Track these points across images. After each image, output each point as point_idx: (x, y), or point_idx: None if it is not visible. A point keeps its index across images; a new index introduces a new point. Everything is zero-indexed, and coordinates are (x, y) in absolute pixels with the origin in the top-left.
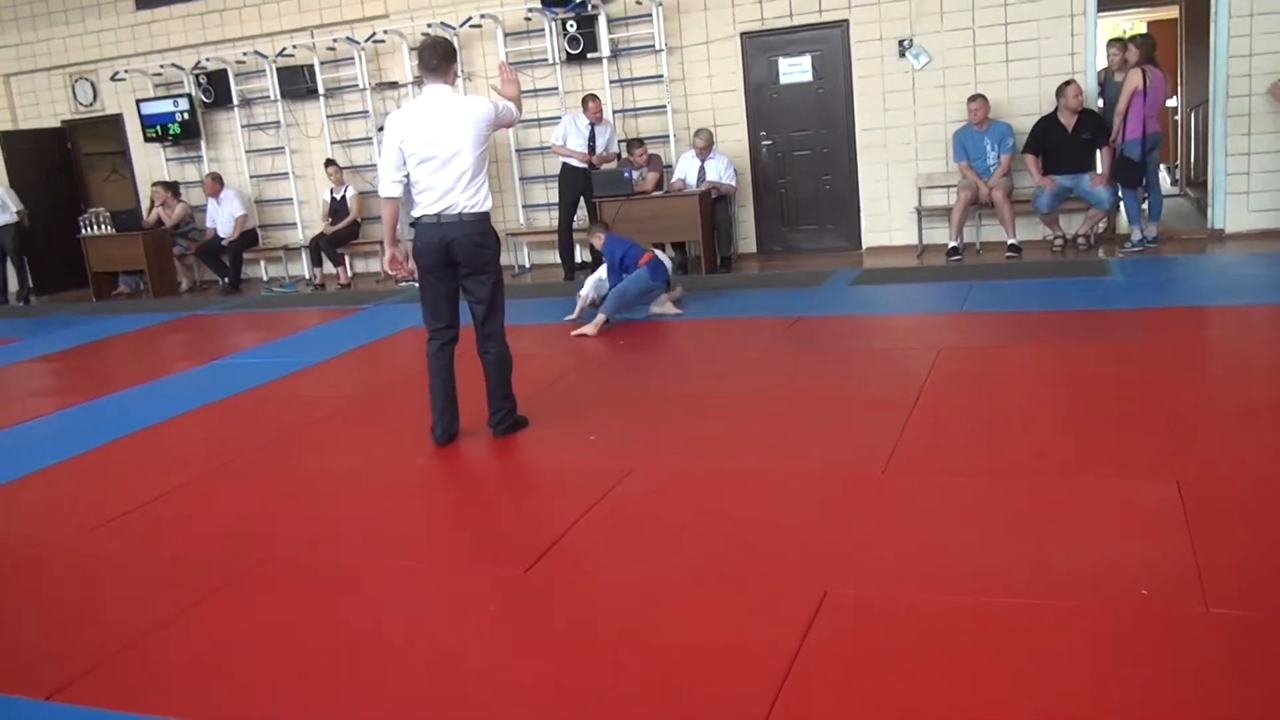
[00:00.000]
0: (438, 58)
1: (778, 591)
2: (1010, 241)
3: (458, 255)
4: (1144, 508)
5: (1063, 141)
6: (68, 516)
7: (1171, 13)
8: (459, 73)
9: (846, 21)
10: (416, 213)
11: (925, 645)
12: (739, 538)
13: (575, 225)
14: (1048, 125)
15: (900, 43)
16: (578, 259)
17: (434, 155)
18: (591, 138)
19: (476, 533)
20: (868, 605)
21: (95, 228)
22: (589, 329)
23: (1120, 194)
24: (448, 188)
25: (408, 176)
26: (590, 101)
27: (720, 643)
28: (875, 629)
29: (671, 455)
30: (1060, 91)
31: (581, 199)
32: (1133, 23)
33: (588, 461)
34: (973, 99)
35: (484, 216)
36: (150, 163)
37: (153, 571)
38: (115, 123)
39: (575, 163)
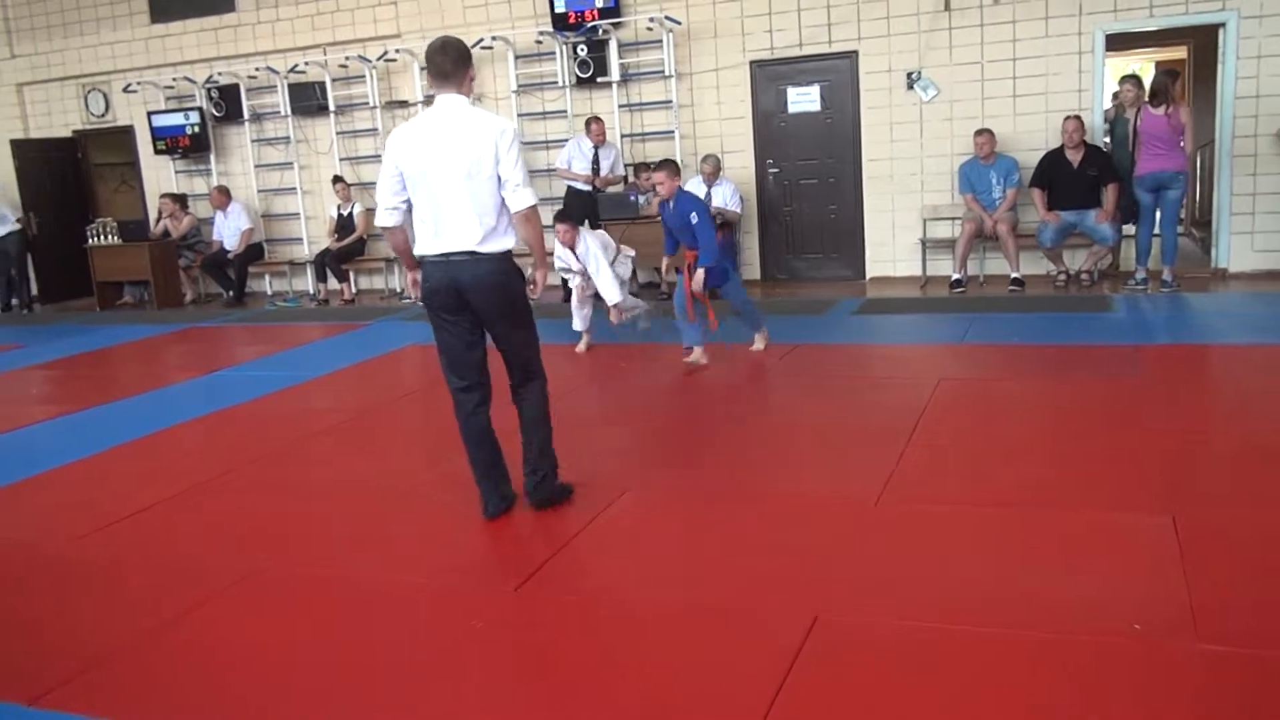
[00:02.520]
0: (450, 61)
1: (768, 616)
2: (1014, 275)
3: (473, 302)
4: (1139, 542)
5: (1069, 177)
6: (61, 522)
7: (1180, 53)
8: (474, 78)
9: (856, 53)
10: (419, 250)
11: (915, 674)
12: (731, 561)
13: None
14: (1054, 160)
15: (909, 75)
16: None
17: (439, 180)
18: (595, 160)
19: (469, 550)
20: (858, 632)
21: (101, 238)
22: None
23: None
24: (455, 221)
25: (408, 204)
26: (593, 124)
27: (709, 666)
28: (865, 656)
29: (667, 477)
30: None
31: (587, 222)
32: (1141, 63)
33: (583, 480)
34: (979, 133)
35: (504, 256)
36: (159, 174)
37: (144, 579)
38: (126, 134)
39: (580, 185)
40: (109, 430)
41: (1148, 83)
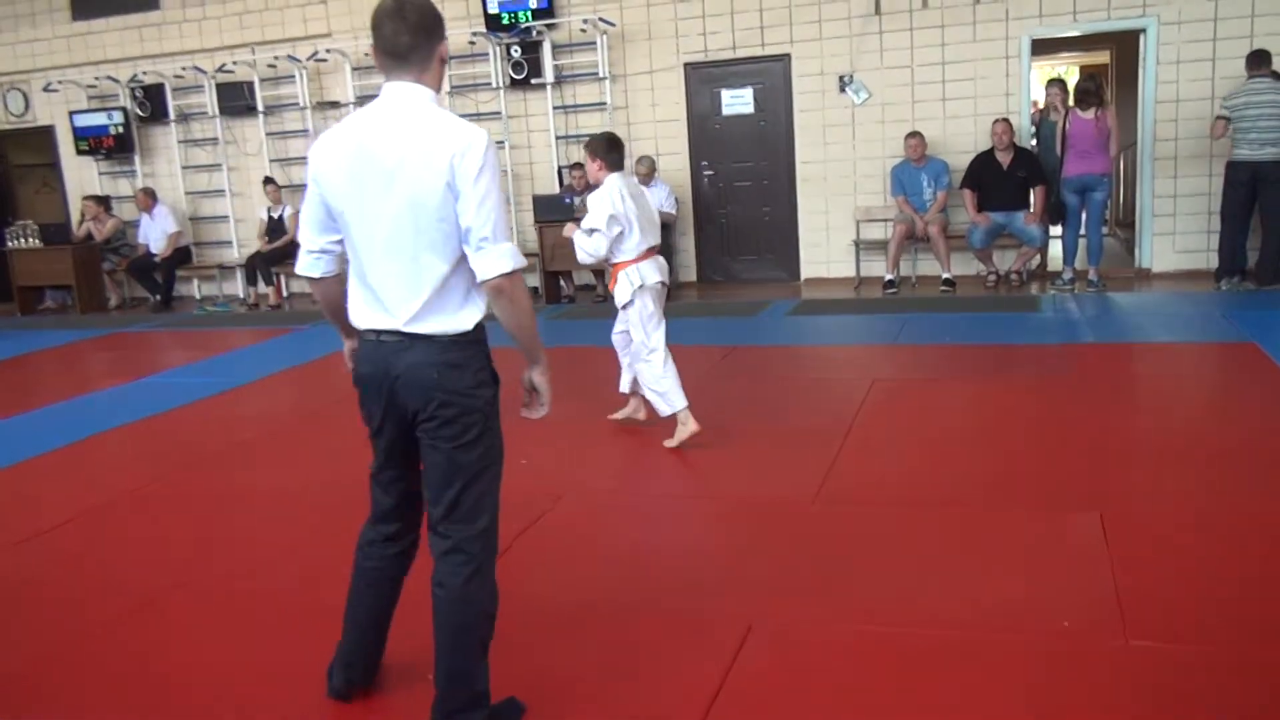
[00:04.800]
0: (409, 31)
1: (705, 620)
2: (945, 276)
3: (406, 402)
4: (1067, 540)
5: (998, 179)
6: None
7: (1102, 58)
8: (445, 59)
9: (789, 55)
10: (352, 316)
11: (849, 676)
12: (667, 565)
13: None
14: (984, 162)
15: (840, 78)
16: None
17: (369, 217)
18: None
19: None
20: (793, 635)
21: (22, 240)
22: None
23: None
24: (385, 282)
25: (340, 245)
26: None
27: (647, 671)
28: (800, 659)
29: (602, 481)
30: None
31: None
32: (1066, 66)
33: (519, 485)
34: (910, 135)
35: (454, 342)
36: (82, 175)
37: (68, 591)
38: (47, 134)
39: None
40: (30, 439)
41: (1072, 86)
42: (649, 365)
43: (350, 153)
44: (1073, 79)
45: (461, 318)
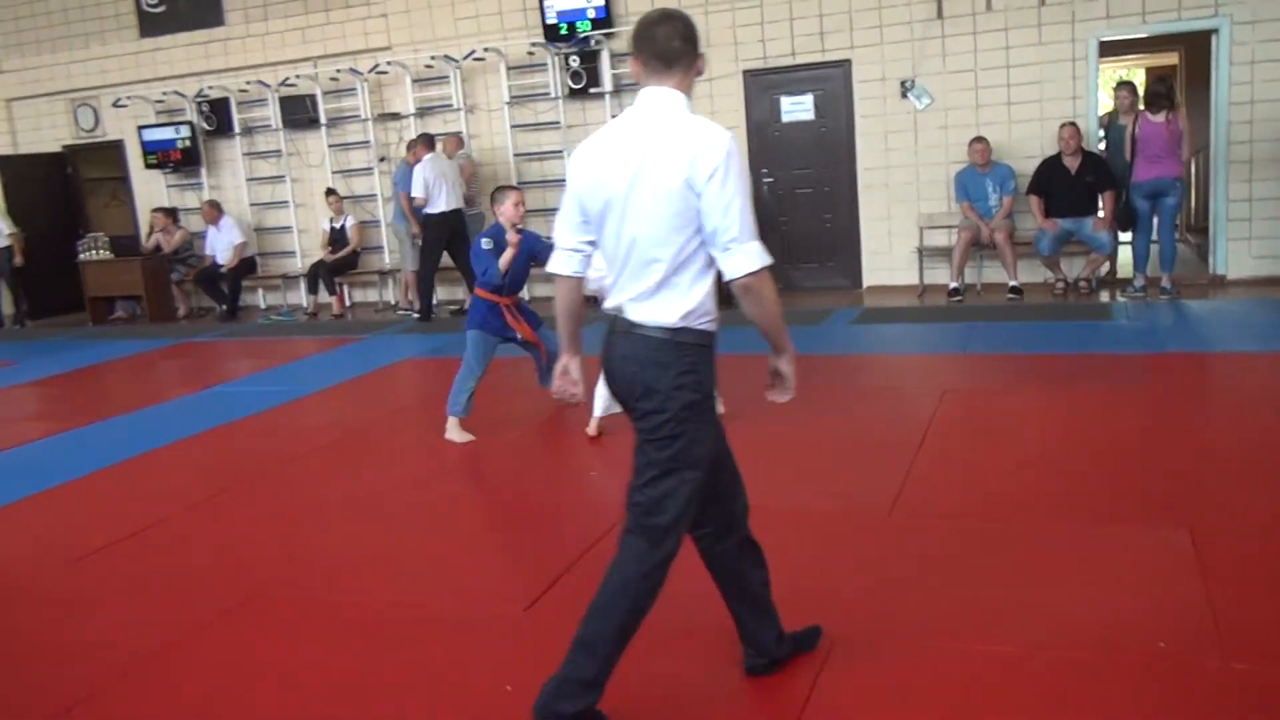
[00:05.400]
0: (680, 38)
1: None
2: (1012, 283)
3: (620, 388)
4: (1157, 556)
5: (1066, 184)
6: (57, 544)
7: (1170, 60)
8: (702, 71)
9: (849, 61)
10: (607, 306)
11: (934, 694)
12: None
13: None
14: (1051, 167)
15: (902, 83)
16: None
17: (619, 216)
18: None
19: (476, 569)
20: (876, 651)
21: (94, 252)
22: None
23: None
24: (620, 271)
25: (592, 246)
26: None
27: (731, 688)
28: (883, 676)
29: None
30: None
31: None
32: (1128, 69)
33: (587, 498)
34: (975, 140)
35: (668, 337)
36: (150, 189)
37: (146, 601)
38: (116, 148)
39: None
40: (107, 448)
41: (1140, 88)
42: None
43: (604, 154)
44: (1138, 81)
45: (680, 308)
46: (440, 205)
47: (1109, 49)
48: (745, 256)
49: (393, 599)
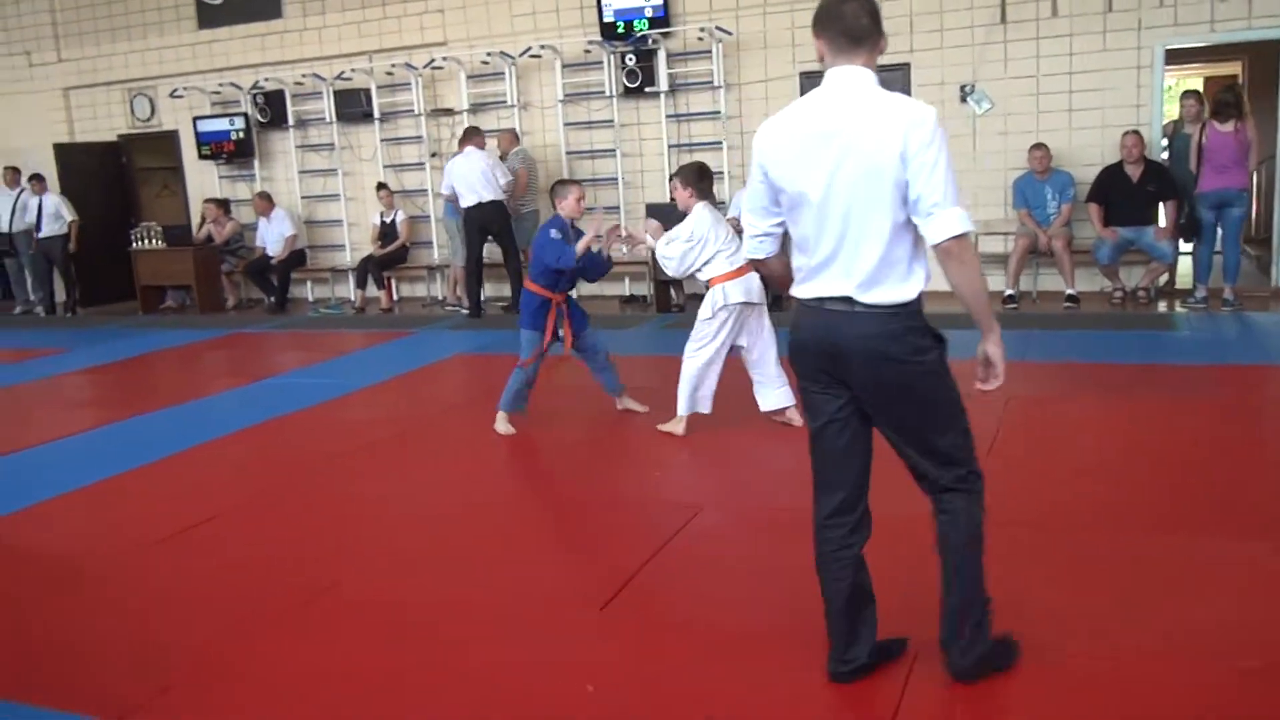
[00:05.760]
0: (868, 16)
1: None
2: (1069, 292)
3: (854, 376)
4: (1243, 568)
5: (1127, 193)
6: (124, 533)
7: (1233, 69)
8: (884, 48)
9: (908, 65)
10: (795, 289)
11: (1023, 702)
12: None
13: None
14: (1113, 175)
15: (962, 88)
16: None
17: (818, 192)
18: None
19: (543, 569)
20: None
21: (146, 241)
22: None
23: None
24: (831, 254)
25: (783, 228)
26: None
27: (820, 693)
28: (971, 684)
29: (741, 495)
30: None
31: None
32: (1189, 78)
33: (654, 497)
34: (1035, 147)
35: (899, 312)
36: (203, 179)
37: (217, 593)
38: (171, 139)
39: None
40: (164, 438)
41: (1197, 102)
42: (690, 364)
43: (801, 133)
44: (1196, 89)
45: (904, 289)
46: (467, 200)
47: (1170, 57)
48: (949, 220)
49: (462, 598)
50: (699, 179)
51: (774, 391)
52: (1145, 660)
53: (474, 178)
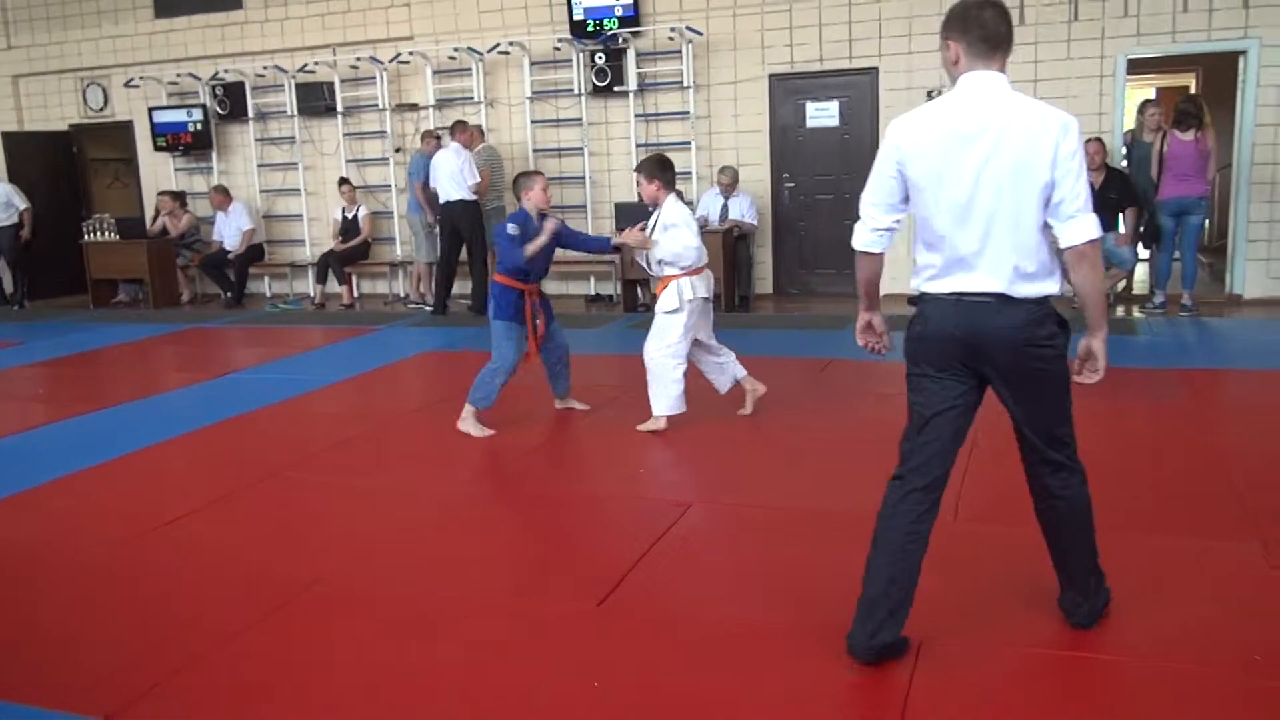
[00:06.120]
0: (1006, 24)
1: None
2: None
3: (994, 363)
4: (1230, 568)
5: None
6: (92, 530)
7: (1187, 80)
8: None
9: (876, 69)
10: (917, 281)
11: (1029, 701)
12: (816, 581)
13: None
14: None
15: (929, 93)
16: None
17: (965, 191)
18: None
19: (535, 565)
20: (964, 657)
21: (98, 234)
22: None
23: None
24: (975, 251)
25: (901, 224)
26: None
27: (831, 689)
28: (973, 682)
29: (730, 492)
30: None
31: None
32: (1139, 88)
33: (641, 494)
34: None
35: (1043, 303)
36: (158, 171)
37: (196, 590)
38: (125, 129)
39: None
40: (122, 434)
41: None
42: (665, 365)
43: (943, 133)
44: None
45: (1048, 284)
46: (443, 197)
47: (1127, 66)
48: (1087, 225)
49: (453, 595)
50: (663, 170)
51: (730, 369)
52: (1157, 655)
53: (445, 175)
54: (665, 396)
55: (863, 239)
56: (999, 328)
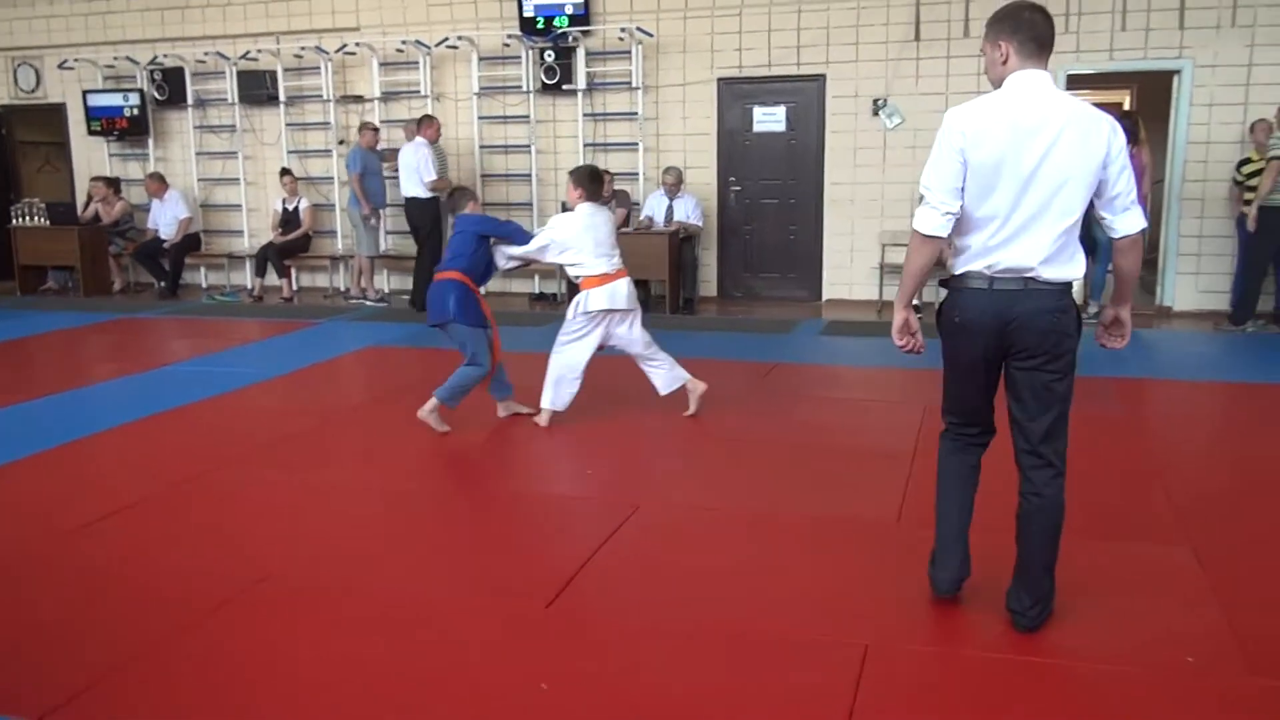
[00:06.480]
0: (1050, 27)
1: (820, 644)
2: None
3: (1020, 340)
4: (1165, 572)
5: None
6: (27, 524)
7: (1120, 97)
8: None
9: (824, 76)
10: (963, 264)
11: (974, 705)
12: (764, 584)
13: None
14: None
15: (875, 101)
16: None
17: (1025, 178)
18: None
19: (484, 563)
20: (911, 659)
21: (27, 219)
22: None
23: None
24: (1024, 235)
25: (960, 210)
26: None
27: (774, 696)
28: (923, 684)
29: (677, 494)
30: None
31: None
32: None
33: (588, 495)
34: None
35: (1067, 289)
36: (91, 156)
37: (139, 586)
38: (57, 112)
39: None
40: (56, 425)
41: None
42: (558, 357)
43: (1006, 125)
44: None
45: (1073, 268)
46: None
47: (1068, 82)
48: (1138, 216)
49: (401, 593)
50: (590, 181)
51: (671, 371)
52: (1096, 658)
53: (404, 169)
54: (548, 387)
55: (933, 223)
56: (1028, 311)
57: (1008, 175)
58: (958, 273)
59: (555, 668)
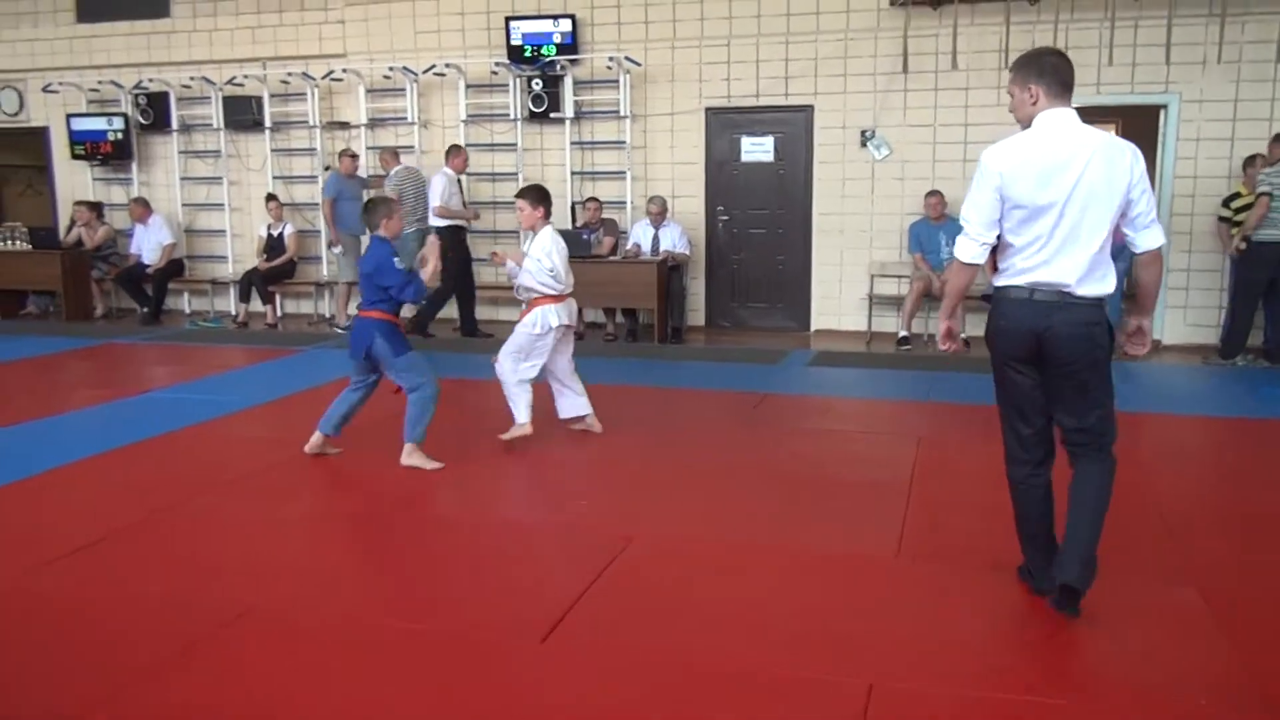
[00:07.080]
0: (1072, 72)
1: (822, 682)
2: (961, 335)
3: (1055, 351)
4: (1172, 613)
5: None
6: (4, 554)
7: (1106, 130)
8: None
9: (812, 107)
10: (1006, 280)
11: None
12: (763, 621)
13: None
14: None
15: (863, 133)
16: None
17: (1059, 206)
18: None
19: (477, 598)
20: (918, 700)
21: (9, 242)
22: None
23: None
24: (1060, 256)
25: (996, 239)
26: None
27: None
28: None
29: (671, 527)
30: None
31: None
32: None
33: (582, 526)
34: (930, 194)
35: (1100, 303)
36: (74, 181)
37: (117, 618)
38: (39, 136)
39: (449, 222)
40: (35, 452)
41: None
42: (513, 375)
43: (1040, 160)
44: None
45: (1105, 285)
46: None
47: None
48: (1158, 233)
49: (391, 627)
50: (548, 199)
51: (578, 399)
52: (1109, 697)
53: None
54: (522, 404)
55: (972, 252)
56: (1063, 323)
57: (1044, 205)
58: (1000, 284)
59: (552, 706)
